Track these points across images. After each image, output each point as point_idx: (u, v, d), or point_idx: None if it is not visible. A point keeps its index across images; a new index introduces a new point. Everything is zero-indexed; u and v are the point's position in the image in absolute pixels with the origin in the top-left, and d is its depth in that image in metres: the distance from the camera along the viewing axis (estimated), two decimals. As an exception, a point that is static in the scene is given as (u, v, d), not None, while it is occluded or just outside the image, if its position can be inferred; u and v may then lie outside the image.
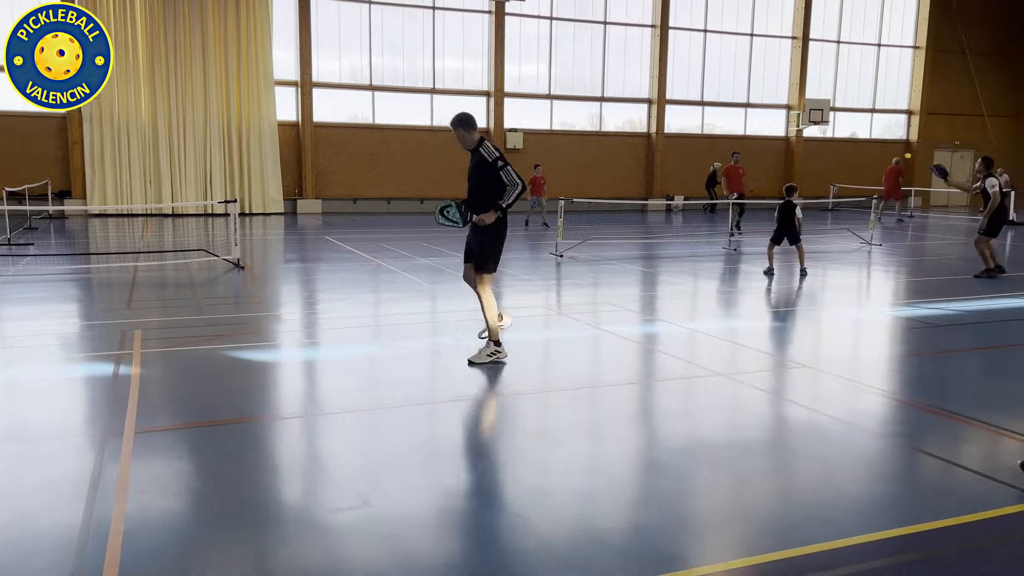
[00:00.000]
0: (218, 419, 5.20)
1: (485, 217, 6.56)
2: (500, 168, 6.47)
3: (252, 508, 3.87)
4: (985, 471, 4.40)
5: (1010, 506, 3.89)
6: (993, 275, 11.69)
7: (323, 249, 15.29)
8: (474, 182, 6.65)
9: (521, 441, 5.04)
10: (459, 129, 6.60)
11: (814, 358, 7.35)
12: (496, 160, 6.49)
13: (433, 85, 25.35)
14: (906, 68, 31.69)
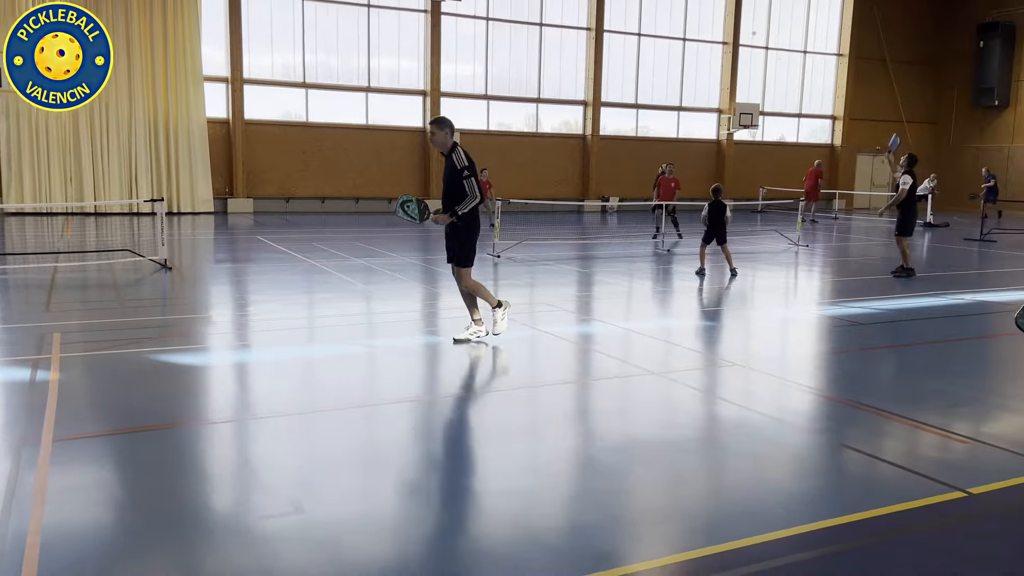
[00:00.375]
0: (143, 425, 5.02)
1: (440, 218, 7.16)
2: (464, 177, 6.99)
3: (179, 517, 3.75)
4: (905, 464, 4.57)
5: (928, 497, 4.04)
6: (910, 274, 12.11)
7: (255, 249, 14.96)
8: (446, 185, 7.18)
9: (458, 442, 5.01)
10: (434, 129, 7.08)
11: (745, 356, 7.52)
12: (463, 169, 7.00)
13: (368, 83, 25.08)
14: (831, 74, 32.78)
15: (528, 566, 3.29)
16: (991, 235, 19.31)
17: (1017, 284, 12.08)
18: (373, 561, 3.36)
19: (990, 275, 13.29)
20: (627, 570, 3.29)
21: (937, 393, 6.06)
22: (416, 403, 5.71)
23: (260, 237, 16.86)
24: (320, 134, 24.55)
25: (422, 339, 7.74)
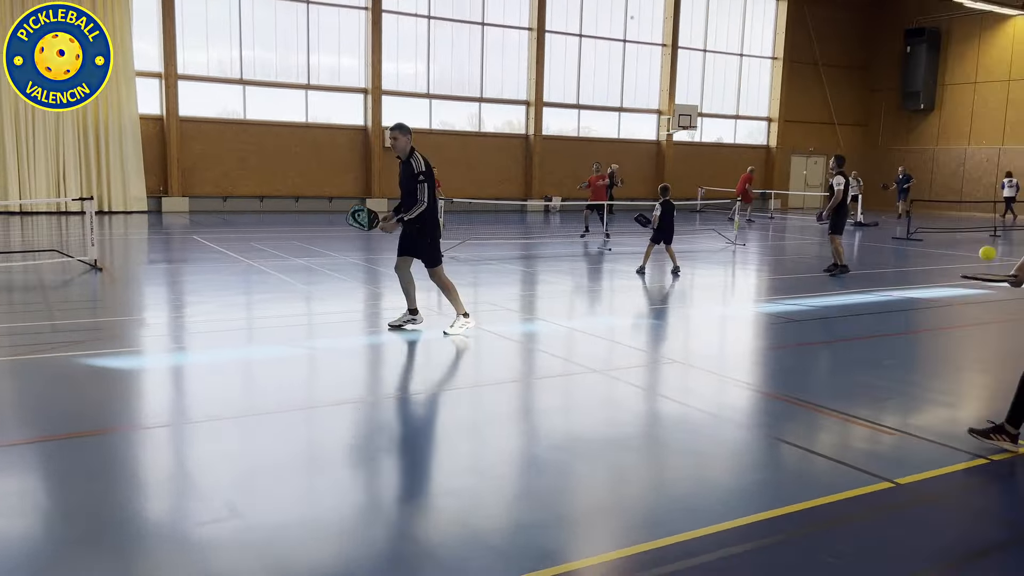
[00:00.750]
0: (73, 431, 4.85)
1: (387, 226, 7.50)
2: (419, 182, 7.23)
3: (111, 525, 3.63)
4: (837, 457, 4.70)
5: (858, 488, 4.18)
6: (845, 271, 12.48)
7: (190, 249, 14.59)
8: (403, 187, 7.42)
9: (401, 443, 4.97)
10: (397, 134, 7.30)
11: (685, 354, 7.65)
12: (419, 174, 7.25)
13: (308, 81, 24.70)
14: (766, 77, 33.58)
15: (470, 566, 3.29)
16: (917, 234, 20.05)
17: (942, 281, 12.57)
18: (312, 565, 3.31)
19: (917, 272, 13.80)
20: (569, 567, 3.31)
21: (867, 387, 6.26)
22: (358, 405, 5.65)
23: (196, 237, 16.45)
24: (259, 132, 24.09)
25: (364, 340, 7.66)
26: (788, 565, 3.40)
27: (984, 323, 9.31)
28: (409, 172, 7.34)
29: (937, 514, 3.98)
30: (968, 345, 8.38)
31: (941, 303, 10.63)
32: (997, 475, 4.47)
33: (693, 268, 13.42)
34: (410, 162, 7.35)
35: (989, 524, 3.86)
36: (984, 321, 9.41)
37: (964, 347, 8.29)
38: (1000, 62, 31.00)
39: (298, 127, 24.70)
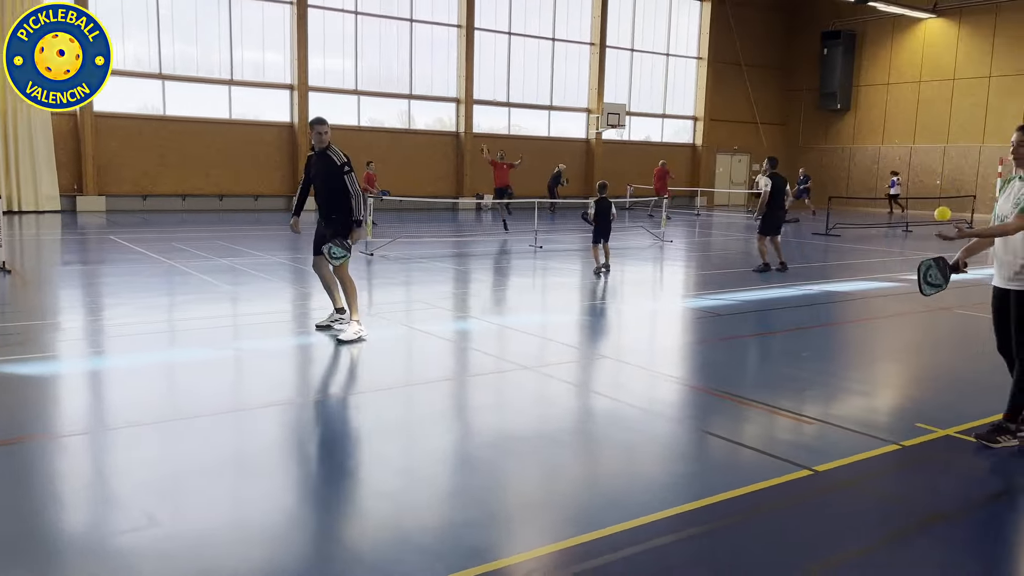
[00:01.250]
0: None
1: (356, 235, 7.36)
2: (345, 173, 7.12)
3: (24, 538, 3.46)
4: (760, 447, 4.84)
5: (779, 477, 4.30)
6: (766, 269, 12.77)
7: (107, 250, 14.05)
8: (322, 181, 7.29)
9: (330, 445, 4.89)
10: (327, 128, 7.24)
11: (615, 349, 7.75)
12: (344, 165, 7.14)
13: (231, 76, 24.07)
14: (691, 77, 34.30)
15: (398, 568, 3.26)
16: (835, 229, 20.79)
17: (859, 275, 13.06)
18: (236, 573, 3.22)
19: (836, 266, 14.31)
20: (499, 564, 3.31)
21: (789, 379, 6.46)
22: (285, 407, 5.53)
23: (113, 237, 15.85)
24: (180, 128, 23.36)
25: (292, 341, 7.51)
26: (712, 553, 3.48)
27: (897, 315, 9.71)
28: (331, 164, 7.18)
29: (852, 499, 4.13)
30: (882, 336, 8.73)
31: (858, 296, 11.05)
32: (908, 460, 4.67)
33: (623, 265, 13.59)
34: (329, 155, 7.20)
35: (900, 507, 4.03)
36: (897, 313, 9.82)
37: (878, 338, 8.63)
38: (911, 64, 32.39)
39: (222, 124, 24.05)
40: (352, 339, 7.19)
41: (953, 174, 31.24)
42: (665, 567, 3.33)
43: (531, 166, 29.51)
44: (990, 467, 4.60)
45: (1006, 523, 3.84)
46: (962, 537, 3.73)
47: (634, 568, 3.31)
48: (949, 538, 3.71)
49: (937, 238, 5.05)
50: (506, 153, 21.29)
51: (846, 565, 3.40)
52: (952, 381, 6.80)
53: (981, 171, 30.41)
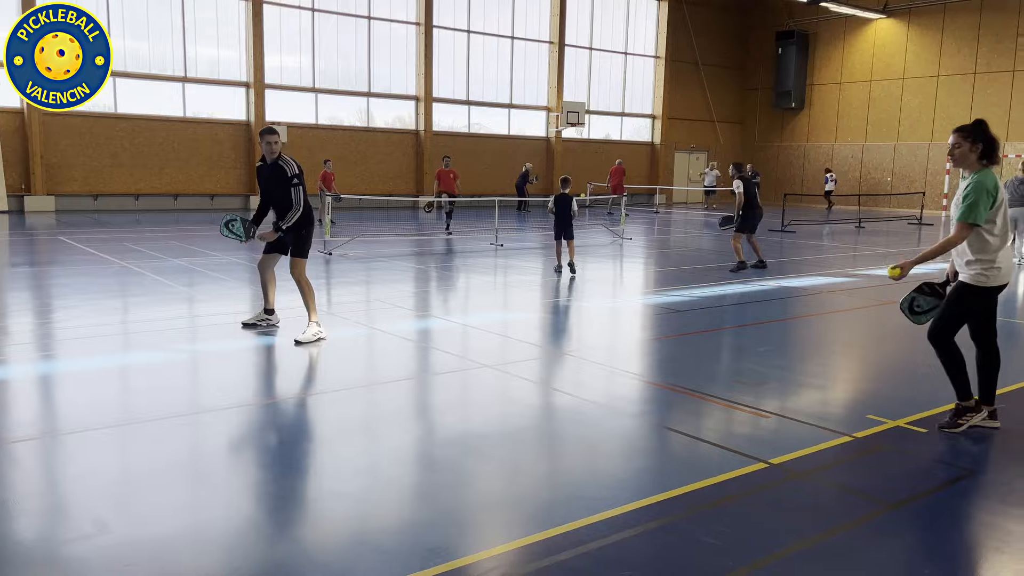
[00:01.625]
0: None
1: (266, 235, 7.30)
2: (293, 185, 7.08)
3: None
4: (718, 441, 4.89)
5: (736, 470, 4.35)
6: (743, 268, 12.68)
7: (57, 251, 13.70)
8: (273, 192, 7.23)
9: (287, 448, 4.82)
10: (276, 138, 7.18)
11: (577, 346, 7.78)
12: (293, 177, 7.10)
13: (185, 73, 23.64)
14: (649, 76, 34.59)
15: (354, 569, 3.22)
16: (791, 226, 21.14)
17: (813, 270, 13.30)
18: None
19: (790, 262, 14.54)
20: (455, 564, 3.29)
21: (745, 373, 6.54)
22: (242, 409, 5.44)
23: (64, 238, 15.46)
24: (132, 126, 22.88)
25: (249, 342, 7.39)
26: (670, 547, 3.50)
27: (851, 309, 9.91)
28: (281, 175, 7.14)
29: (805, 490, 4.19)
30: (837, 330, 8.90)
31: (813, 291, 11.24)
32: (859, 450, 4.76)
33: (584, 262, 13.64)
34: (280, 165, 7.16)
35: (850, 496, 4.10)
36: (851, 307, 10.01)
37: (833, 332, 8.80)
38: (862, 63, 33.07)
39: (175, 122, 23.62)
40: (311, 340, 7.13)
41: (903, 171, 31.99)
42: (624, 561, 3.34)
43: (492, 165, 29.55)
44: (938, 456, 4.71)
45: (952, 509, 3.93)
46: (910, 524, 3.81)
47: (595, 562, 3.32)
48: (897, 525, 3.79)
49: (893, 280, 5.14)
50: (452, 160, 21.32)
51: (799, 555, 3.46)
52: (903, 373, 6.95)
53: (930, 168, 31.20)
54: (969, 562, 3.46)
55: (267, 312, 7.74)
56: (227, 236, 7.71)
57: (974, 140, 4.83)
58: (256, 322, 7.72)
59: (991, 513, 3.91)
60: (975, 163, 4.85)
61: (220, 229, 7.71)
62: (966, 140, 4.85)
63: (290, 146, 24.95)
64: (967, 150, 4.84)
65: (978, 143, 4.81)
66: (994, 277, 4.85)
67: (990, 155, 4.83)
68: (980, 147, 4.81)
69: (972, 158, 4.85)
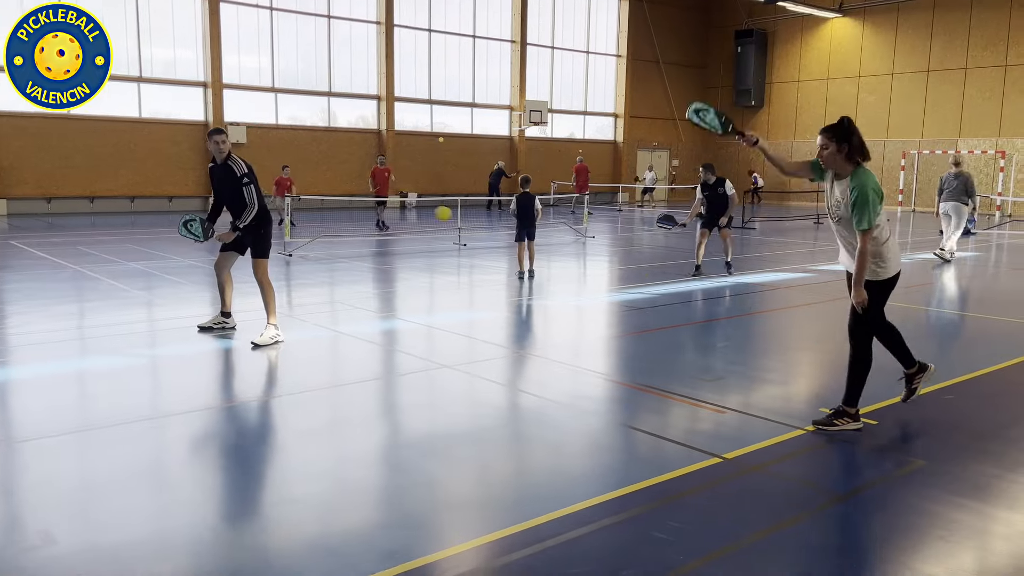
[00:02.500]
0: None
1: (225, 236, 7.15)
2: (244, 185, 6.99)
3: (-97, 566, 3.26)
4: (675, 437, 4.95)
5: (691, 465, 4.41)
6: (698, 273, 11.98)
7: (7, 256, 13.37)
8: (226, 192, 7.17)
9: (243, 452, 4.77)
10: (224, 138, 7.12)
11: (540, 346, 7.80)
12: (243, 176, 7.00)
13: (140, 73, 23.23)
14: (611, 75, 34.80)
15: (311, 572, 3.20)
16: (751, 223, 21.42)
17: (772, 266, 13.50)
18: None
19: (751, 259, 14.74)
20: (413, 565, 3.29)
21: (703, 370, 6.62)
22: (203, 414, 5.37)
23: (14, 242, 15.10)
24: (85, 127, 22.42)
25: (208, 346, 7.29)
26: (624, 542, 3.54)
27: (807, 304, 10.08)
28: (231, 175, 7.07)
29: (758, 482, 4.26)
30: (793, 325, 9.04)
31: (771, 287, 11.41)
32: (812, 443, 4.85)
33: (548, 261, 13.69)
34: (229, 165, 7.09)
35: (801, 487, 4.18)
36: (807, 302, 10.18)
37: (789, 327, 8.94)
38: (819, 62, 33.63)
39: (131, 122, 23.20)
40: (268, 343, 7.04)
41: (860, 168, 32.61)
42: (579, 556, 3.37)
43: (456, 164, 29.51)
44: (888, 447, 4.82)
45: (900, 499, 4.03)
46: (857, 514, 3.90)
47: (550, 560, 3.34)
48: (845, 515, 3.87)
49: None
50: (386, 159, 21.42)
51: (752, 546, 3.51)
52: (857, 366, 7.08)
53: (885, 164, 31.81)
54: (914, 550, 3.55)
55: (224, 315, 7.65)
56: (185, 236, 7.62)
57: (839, 140, 4.68)
58: (212, 325, 7.62)
59: (937, 502, 4.00)
60: (845, 163, 4.71)
61: (179, 229, 7.63)
62: (832, 141, 4.69)
63: (250, 147, 24.67)
64: (835, 151, 4.69)
65: (844, 143, 4.66)
66: (886, 269, 4.82)
67: (860, 153, 4.69)
68: (847, 147, 4.66)
69: (840, 158, 4.71)
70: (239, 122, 24.63)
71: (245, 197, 7.06)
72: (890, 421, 5.23)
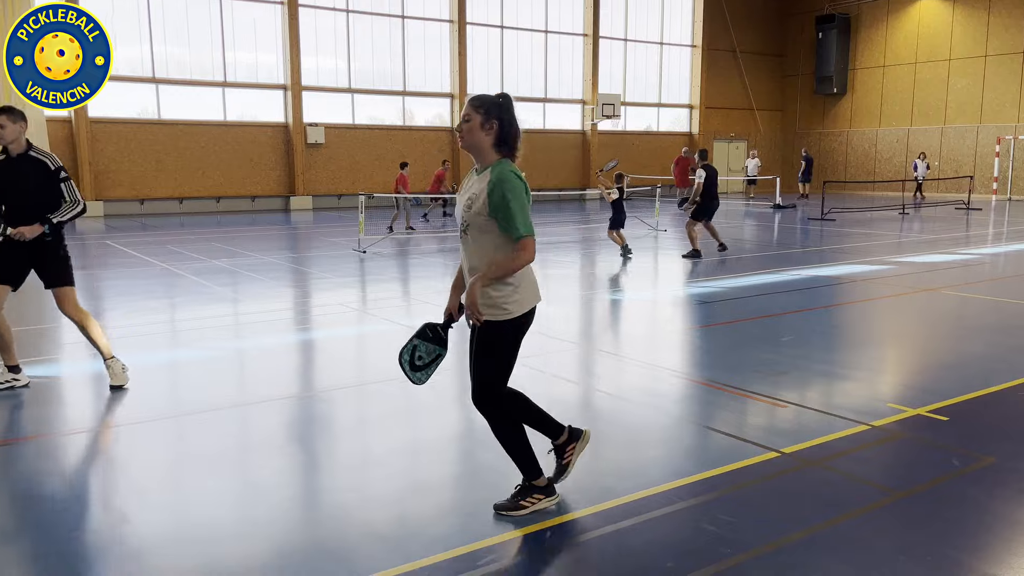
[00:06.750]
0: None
1: (25, 231, 5.43)
2: (63, 180, 5.59)
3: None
4: (730, 431, 4.89)
5: (747, 459, 4.36)
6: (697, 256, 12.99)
7: (105, 255, 14.15)
8: (24, 192, 5.53)
9: (311, 440, 4.95)
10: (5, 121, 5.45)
11: (605, 341, 7.79)
12: (59, 170, 5.60)
13: (224, 78, 24.15)
14: (686, 65, 34.22)
15: (363, 556, 3.33)
16: (831, 214, 20.77)
17: (850, 258, 13.08)
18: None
19: (825, 251, 14.31)
20: (463, 550, 3.37)
21: (767, 362, 6.50)
22: (282, 402, 5.59)
23: (110, 242, 15.96)
24: (175, 131, 23.47)
25: (292, 338, 7.57)
26: (672, 534, 3.53)
27: (883, 297, 9.74)
28: (41, 169, 5.56)
29: (815, 478, 4.18)
30: (866, 318, 8.76)
31: (846, 279, 11.07)
32: (876, 438, 4.72)
33: (615, 255, 13.61)
34: (36, 158, 5.57)
35: (860, 484, 4.08)
36: (883, 295, 9.84)
37: (862, 321, 8.66)
38: (906, 46, 32.27)
39: (217, 126, 24.15)
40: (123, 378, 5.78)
41: (951, 155, 31.14)
42: (623, 548, 3.39)
43: (528, 159, 29.57)
44: (956, 444, 4.65)
45: (965, 498, 3.88)
46: (918, 512, 3.78)
47: (602, 549, 3.37)
48: (905, 514, 3.76)
49: None
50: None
51: (801, 542, 3.46)
52: (928, 361, 6.83)
53: (979, 151, 30.32)
54: (977, 550, 3.42)
55: (11, 369, 5.81)
56: None
57: (487, 113, 3.49)
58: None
59: (1006, 502, 3.85)
60: (489, 149, 3.51)
61: None
62: (478, 112, 3.49)
63: (328, 146, 25.41)
64: (477, 125, 3.48)
65: (493, 119, 3.48)
66: (522, 301, 3.55)
67: (511, 143, 3.53)
68: (496, 124, 3.48)
69: (484, 141, 3.49)
70: (317, 123, 25.33)
71: (65, 194, 5.62)
72: (960, 418, 5.04)
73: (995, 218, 21.38)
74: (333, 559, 3.33)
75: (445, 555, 3.33)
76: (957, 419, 5.00)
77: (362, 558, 3.33)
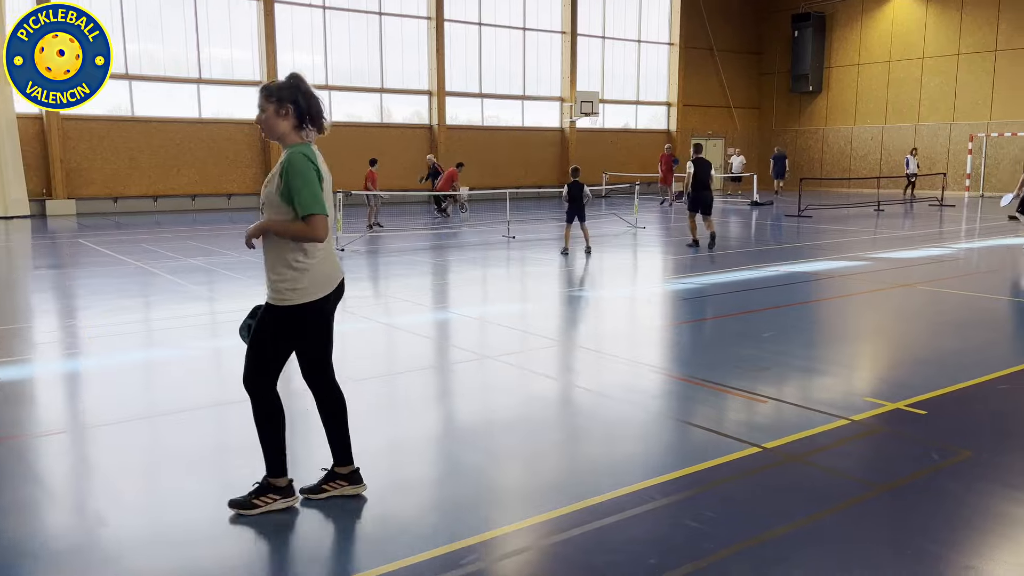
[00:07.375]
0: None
1: None
2: None
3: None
4: (711, 426, 4.89)
5: (728, 455, 4.36)
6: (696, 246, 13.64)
7: (78, 254, 13.92)
8: None
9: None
10: None
11: (587, 337, 7.78)
12: None
13: (199, 75, 23.86)
14: (663, 63, 34.33)
15: (363, 548, 3.28)
16: (807, 211, 20.95)
17: (827, 255, 13.19)
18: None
19: (803, 248, 14.42)
20: (449, 548, 3.34)
21: (747, 358, 6.52)
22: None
23: (83, 240, 15.71)
24: (149, 129, 23.16)
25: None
26: (655, 529, 3.53)
27: (859, 293, 9.82)
28: None
29: (797, 472, 4.19)
30: (843, 314, 8.83)
31: (823, 275, 11.16)
32: (855, 433, 4.74)
33: (600, 251, 13.61)
34: None
35: (841, 478, 4.10)
36: (859, 291, 9.92)
37: (839, 316, 8.73)
38: (880, 44, 32.59)
39: (192, 123, 23.86)
40: None
41: (924, 152, 31.50)
42: (607, 544, 3.38)
43: (509, 157, 29.56)
44: (935, 438, 4.69)
45: (944, 491, 3.92)
46: (898, 506, 3.80)
47: (585, 545, 3.36)
48: (885, 507, 3.78)
49: None
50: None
51: (785, 537, 3.47)
52: (905, 356, 6.90)
53: (952, 148, 30.72)
54: (956, 543, 3.45)
55: None
56: None
57: (281, 101, 3.51)
58: None
59: (984, 494, 3.88)
60: (292, 134, 3.54)
61: None
62: (271, 101, 3.52)
63: (305, 144, 25.14)
64: (272, 114, 3.51)
65: (286, 104, 3.51)
66: (309, 289, 3.52)
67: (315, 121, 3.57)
68: (292, 109, 3.51)
69: (284, 127, 3.52)
70: (294, 120, 25.11)
71: None
72: (937, 412, 5.09)
73: (968, 214, 21.67)
74: (313, 560, 3.28)
75: (427, 555, 3.29)
76: (934, 413, 5.05)
77: (343, 559, 3.29)
